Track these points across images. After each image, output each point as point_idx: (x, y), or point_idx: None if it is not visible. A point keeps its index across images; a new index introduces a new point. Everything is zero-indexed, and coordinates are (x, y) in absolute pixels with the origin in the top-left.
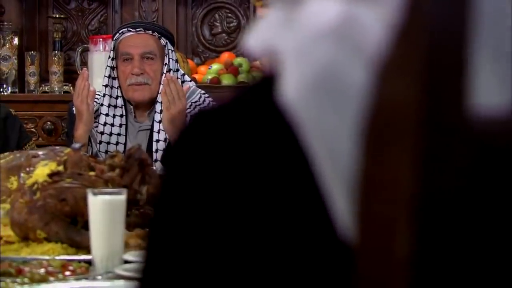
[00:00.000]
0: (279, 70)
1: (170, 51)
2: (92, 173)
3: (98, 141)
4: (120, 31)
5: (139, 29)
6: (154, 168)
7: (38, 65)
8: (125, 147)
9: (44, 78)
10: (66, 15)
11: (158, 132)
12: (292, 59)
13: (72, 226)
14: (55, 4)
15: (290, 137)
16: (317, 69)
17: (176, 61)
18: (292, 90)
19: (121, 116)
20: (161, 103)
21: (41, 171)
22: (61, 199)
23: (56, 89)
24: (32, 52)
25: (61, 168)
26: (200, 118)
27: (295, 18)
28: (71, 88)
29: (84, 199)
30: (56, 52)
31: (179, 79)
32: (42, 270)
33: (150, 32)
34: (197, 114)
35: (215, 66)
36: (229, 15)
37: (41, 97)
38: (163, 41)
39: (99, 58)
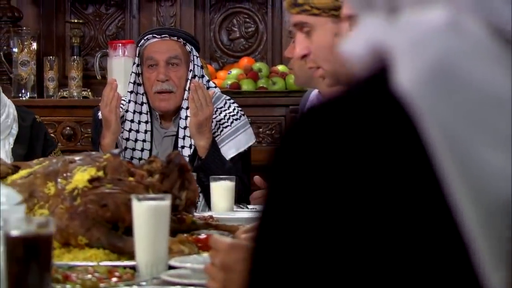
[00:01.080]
0: (390, 64)
1: (195, 57)
2: (131, 179)
3: (123, 147)
4: (145, 37)
5: (164, 35)
6: None
7: (57, 70)
8: (150, 154)
9: (62, 83)
10: (84, 20)
11: (184, 138)
12: (406, 54)
13: (113, 232)
14: (72, 9)
15: (410, 127)
16: (434, 61)
17: (201, 67)
18: (407, 81)
19: (146, 122)
20: (186, 109)
21: (81, 177)
22: (102, 205)
23: (75, 94)
24: (51, 57)
25: (100, 173)
26: (313, 114)
27: (399, 21)
28: (89, 93)
29: (125, 205)
30: (75, 57)
31: (204, 85)
32: (89, 276)
33: (175, 38)
34: (307, 111)
35: (234, 71)
36: (247, 20)
37: (60, 102)
38: (188, 47)
39: (119, 63)
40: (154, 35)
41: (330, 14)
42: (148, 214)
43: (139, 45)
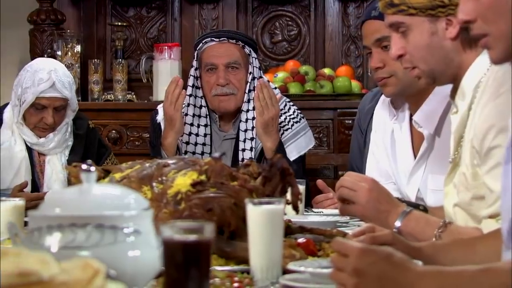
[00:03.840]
0: None
1: (254, 59)
2: (234, 183)
3: (183, 151)
4: (203, 41)
5: (222, 38)
6: None
7: (102, 73)
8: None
9: (105, 86)
10: (127, 23)
11: (244, 142)
12: None
13: (220, 237)
14: (113, 12)
15: None
16: None
17: (259, 68)
18: None
19: (205, 125)
20: (246, 112)
21: (183, 181)
22: (207, 209)
23: (119, 97)
24: (96, 60)
25: (203, 177)
26: None
27: None
28: (133, 96)
29: (230, 209)
30: (120, 60)
31: None
32: (212, 281)
33: (234, 41)
34: None
35: (281, 74)
36: (290, 23)
37: (106, 105)
38: (247, 49)
39: (165, 66)
40: (212, 38)
41: (427, 14)
42: (263, 218)
43: (197, 48)
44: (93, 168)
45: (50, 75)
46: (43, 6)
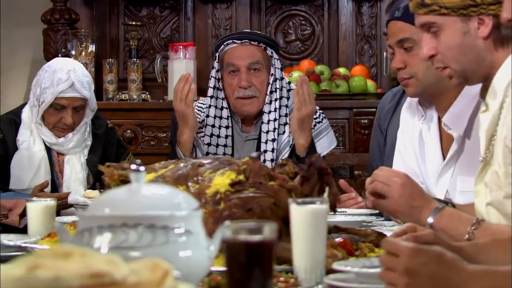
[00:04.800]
0: None
1: (276, 60)
2: (272, 183)
3: (204, 153)
4: (224, 42)
5: (244, 40)
6: None
7: (116, 73)
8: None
9: (118, 85)
10: (142, 23)
11: (266, 143)
12: None
13: None
14: (126, 12)
15: None
16: None
17: (281, 69)
18: None
19: (227, 127)
20: (268, 113)
21: (221, 181)
22: (247, 209)
23: (134, 97)
24: (110, 59)
25: (241, 177)
26: None
27: None
28: (148, 96)
29: (270, 209)
30: (134, 59)
31: (284, 88)
32: None
33: (255, 43)
34: None
35: (296, 74)
36: (303, 22)
37: (121, 105)
38: (269, 51)
39: (180, 65)
40: (234, 40)
41: (459, 13)
42: (307, 218)
43: (218, 50)
44: (142, 168)
45: (69, 75)
46: (57, 6)
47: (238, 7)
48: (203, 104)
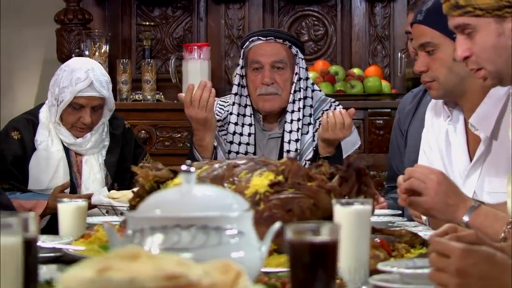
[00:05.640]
0: None
1: (300, 59)
2: (311, 183)
3: (227, 151)
4: (250, 39)
5: (269, 37)
6: None
7: (130, 73)
8: None
9: (132, 86)
10: (154, 23)
11: (289, 143)
12: None
13: None
14: (138, 12)
15: None
16: None
17: (306, 69)
18: None
19: (250, 125)
20: (291, 113)
21: (260, 181)
22: (287, 210)
23: (148, 97)
24: (124, 60)
25: (280, 178)
26: None
27: None
28: (161, 96)
29: (310, 209)
30: (148, 60)
31: (309, 88)
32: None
33: (281, 41)
34: None
35: (311, 74)
36: (316, 23)
37: (136, 105)
38: (293, 50)
39: (195, 65)
40: (259, 37)
41: (494, 14)
42: (351, 218)
43: (243, 46)
44: (193, 169)
45: (87, 74)
46: (71, 6)
47: (251, 7)
48: (224, 102)
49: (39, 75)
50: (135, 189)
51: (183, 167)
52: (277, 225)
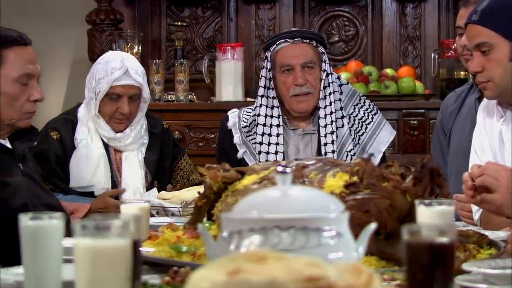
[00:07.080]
0: None
1: (325, 55)
2: (386, 184)
3: (257, 152)
4: (276, 42)
5: (296, 38)
6: None
7: (163, 74)
8: (283, 157)
9: (165, 86)
10: (186, 23)
11: (325, 136)
12: None
13: (378, 238)
14: (168, 12)
15: None
16: None
17: (329, 64)
18: None
19: (278, 126)
20: (324, 108)
21: (335, 182)
22: (364, 211)
23: (181, 98)
24: (157, 60)
25: (355, 178)
26: None
27: None
28: (194, 96)
29: (386, 210)
30: (181, 60)
31: (334, 82)
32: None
33: (307, 41)
34: None
35: (344, 75)
36: (347, 23)
37: (169, 106)
38: (320, 48)
39: (228, 66)
40: (286, 39)
41: None
42: (435, 219)
43: (269, 49)
44: (288, 170)
45: (122, 63)
46: (102, 6)
47: (282, 7)
48: (251, 109)
49: (68, 75)
50: (200, 190)
51: (278, 168)
52: (372, 226)
